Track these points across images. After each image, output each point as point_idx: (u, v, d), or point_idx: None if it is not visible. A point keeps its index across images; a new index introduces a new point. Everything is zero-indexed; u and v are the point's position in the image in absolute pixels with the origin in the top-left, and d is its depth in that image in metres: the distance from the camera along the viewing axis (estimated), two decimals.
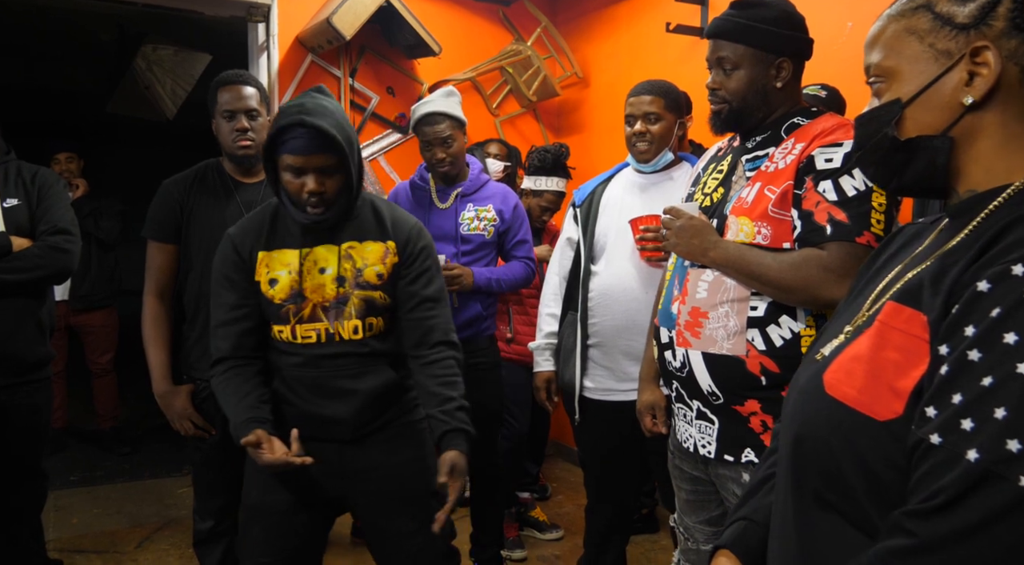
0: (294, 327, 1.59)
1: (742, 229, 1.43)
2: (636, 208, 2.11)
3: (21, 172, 2.12)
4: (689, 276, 1.50)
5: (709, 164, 1.64)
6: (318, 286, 1.59)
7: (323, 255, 1.61)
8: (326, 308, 1.60)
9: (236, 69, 2.03)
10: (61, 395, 4.02)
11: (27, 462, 2.15)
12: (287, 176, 1.53)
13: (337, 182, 1.54)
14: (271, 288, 1.60)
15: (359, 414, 1.61)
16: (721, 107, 1.50)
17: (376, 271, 1.62)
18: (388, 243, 1.64)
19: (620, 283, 2.07)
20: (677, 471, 1.63)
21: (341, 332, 1.59)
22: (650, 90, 2.06)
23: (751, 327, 1.42)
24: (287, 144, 1.50)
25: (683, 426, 1.56)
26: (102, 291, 3.94)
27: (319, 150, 1.49)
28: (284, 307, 1.59)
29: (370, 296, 1.61)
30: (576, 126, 4.09)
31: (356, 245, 1.63)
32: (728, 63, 1.47)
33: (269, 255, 1.61)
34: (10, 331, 2.00)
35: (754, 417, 1.43)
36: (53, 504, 3.37)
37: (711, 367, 1.45)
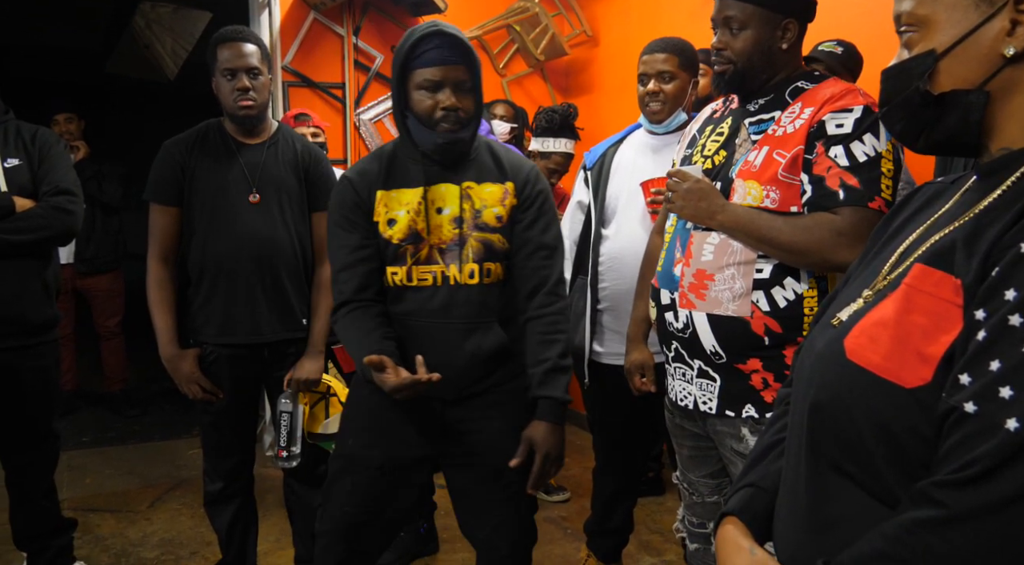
0: (410, 269, 1.54)
1: (750, 192, 1.43)
2: (648, 170, 2.07)
3: (20, 132, 2.09)
4: (693, 239, 1.50)
5: (705, 126, 1.63)
6: (436, 227, 1.54)
7: (442, 195, 1.55)
8: (443, 250, 1.54)
9: (237, 25, 1.97)
10: (70, 358, 4.04)
11: (38, 423, 2.16)
12: (420, 95, 1.47)
13: (471, 102, 1.50)
14: (389, 228, 1.54)
15: (463, 374, 1.55)
16: (725, 68, 1.48)
17: (495, 213, 1.55)
18: (507, 184, 1.58)
19: (631, 247, 2.04)
20: (677, 430, 1.65)
21: (457, 276, 1.53)
22: (664, 48, 2.00)
23: (756, 289, 1.43)
24: (422, 57, 1.45)
25: (682, 385, 1.57)
26: (107, 254, 3.93)
27: (457, 61, 1.45)
28: (401, 247, 1.53)
29: (488, 239, 1.55)
30: (585, 86, 4.01)
31: (474, 186, 1.56)
32: (735, 23, 1.45)
33: (388, 195, 1.56)
34: (16, 293, 1.99)
35: (755, 375, 1.45)
36: (67, 464, 3.42)
37: (715, 328, 1.46)
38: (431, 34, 1.45)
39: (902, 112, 0.79)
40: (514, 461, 1.49)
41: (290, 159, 2.04)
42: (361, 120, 3.60)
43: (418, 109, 1.48)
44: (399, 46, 1.50)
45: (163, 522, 2.86)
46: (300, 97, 3.47)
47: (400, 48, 1.49)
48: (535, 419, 1.52)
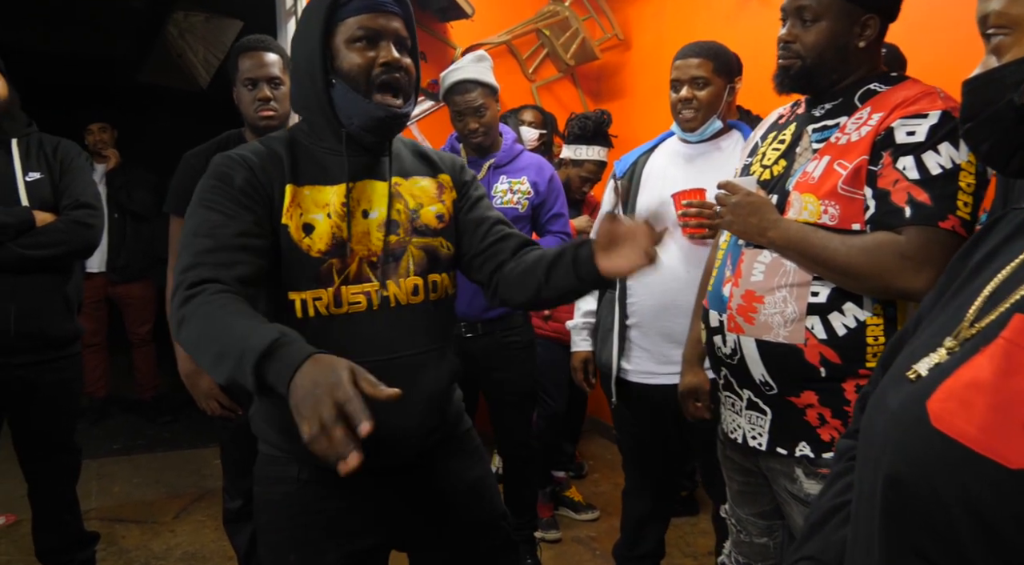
0: (338, 290, 1.17)
1: (806, 207, 1.30)
2: (680, 180, 1.97)
3: (43, 145, 2.07)
4: (744, 256, 1.38)
5: (769, 133, 1.50)
6: (363, 234, 1.20)
7: (367, 195, 1.22)
8: (374, 264, 1.20)
9: (259, 34, 1.93)
10: (103, 365, 4.08)
11: (58, 437, 2.14)
12: (351, 53, 1.15)
13: (411, 65, 1.20)
14: (306, 236, 1.16)
15: (425, 420, 1.22)
16: (792, 62, 1.35)
17: (435, 212, 1.28)
18: (441, 177, 1.32)
19: (661, 260, 1.94)
20: (728, 462, 1.54)
21: (398, 294, 1.21)
22: (698, 52, 1.90)
23: (811, 314, 1.30)
24: (351, 4, 1.15)
25: (731, 416, 1.46)
26: (138, 263, 3.95)
27: (396, 12, 1.17)
28: (325, 262, 1.17)
29: (430, 244, 1.26)
30: (617, 91, 3.91)
31: (403, 182, 1.27)
32: (809, 13, 1.31)
33: (300, 191, 1.18)
34: (37, 308, 1.98)
35: (810, 409, 1.32)
36: (96, 472, 3.44)
37: (765, 355, 1.34)
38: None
39: (990, 129, 0.69)
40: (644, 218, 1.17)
41: None
42: None
43: (348, 67, 1.15)
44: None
45: (187, 534, 2.83)
46: None
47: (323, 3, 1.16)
48: None
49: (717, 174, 1.95)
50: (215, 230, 1.09)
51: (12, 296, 1.93)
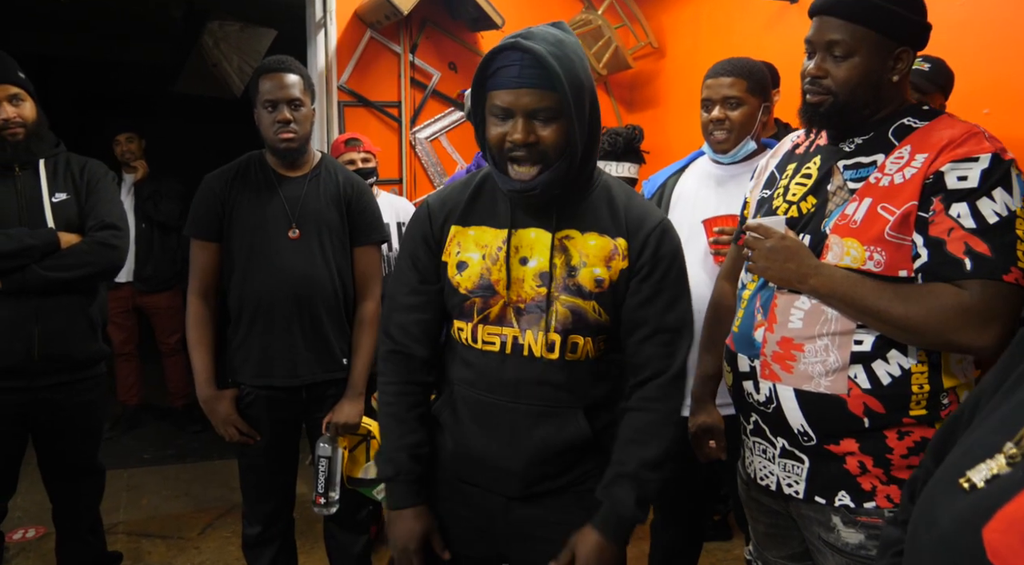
0: (476, 327, 1.27)
1: (848, 253, 1.21)
2: (711, 204, 1.88)
3: (70, 165, 2.07)
4: (777, 301, 1.30)
5: (787, 163, 1.41)
6: (517, 280, 1.24)
7: (530, 242, 1.25)
8: (520, 310, 1.24)
9: (280, 55, 1.89)
10: (135, 374, 4.11)
11: (82, 459, 2.14)
12: (492, 123, 1.19)
13: (555, 133, 1.17)
14: (458, 273, 1.27)
15: (530, 468, 1.26)
16: (822, 99, 1.27)
17: (596, 275, 1.24)
18: (618, 241, 1.26)
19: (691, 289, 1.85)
20: (753, 503, 1.47)
21: (533, 345, 1.24)
22: (730, 70, 1.81)
23: (854, 363, 1.22)
24: (496, 76, 1.16)
25: (761, 462, 1.38)
26: (165, 273, 3.95)
27: (536, 85, 1.14)
28: (469, 299, 1.26)
29: (579, 306, 1.23)
30: (650, 100, 3.82)
31: (576, 235, 1.25)
32: (841, 48, 1.23)
33: (464, 232, 1.29)
34: (61, 329, 1.97)
35: (850, 457, 1.25)
36: (126, 483, 3.47)
37: (805, 405, 1.26)
38: (507, 47, 1.15)
39: None
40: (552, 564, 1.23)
41: (332, 192, 1.95)
42: (417, 139, 3.52)
43: (488, 137, 1.21)
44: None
45: (211, 552, 2.82)
46: (356, 117, 3.41)
47: (481, 62, 1.21)
48: (588, 525, 1.23)
49: None
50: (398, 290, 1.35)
51: (36, 318, 1.92)
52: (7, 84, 1.92)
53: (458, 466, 1.33)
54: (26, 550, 2.79)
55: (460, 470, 1.33)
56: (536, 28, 1.18)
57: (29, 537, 2.89)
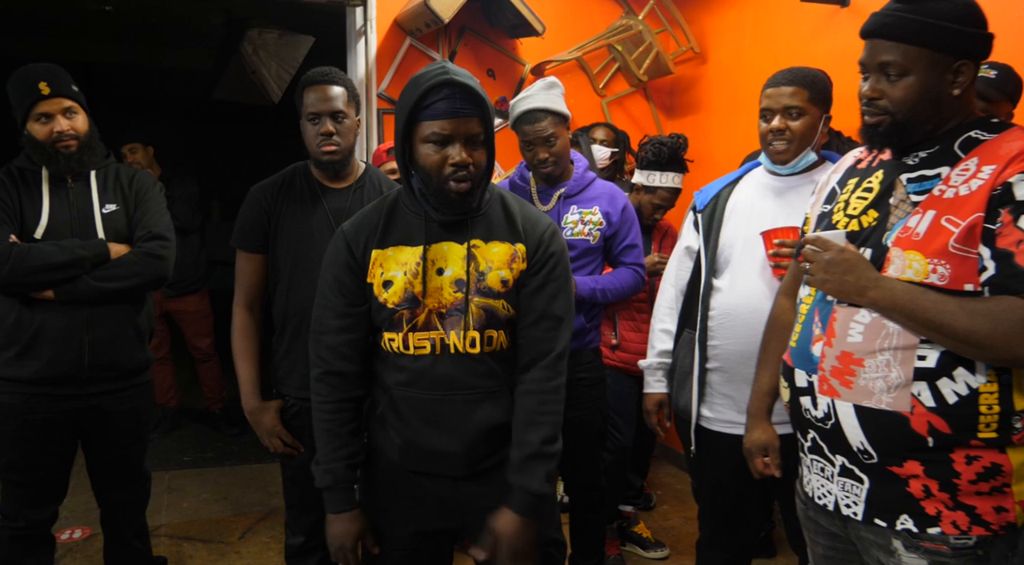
0: (407, 335, 1.42)
1: (910, 266, 1.19)
2: (769, 216, 1.84)
3: (119, 176, 2.10)
4: (836, 315, 1.28)
5: (848, 177, 1.39)
6: (435, 289, 1.42)
7: (444, 254, 1.43)
8: (442, 315, 1.42)
9: (325, 67, 1.89)
10: (170, 377, 4.16)
11: (130, 465, 2.17)
12: (426, 149, 1.34)
13: (483, 156, 1.38)
14: (384, 291, 1.42)
15: (471, 449, 1.45)
16: (880, 119, 1.25)
17: (500, 276, 1.42)
18: (517, 246, 1.45)
19: (748, 303, 1.81)
20: (810, 523, 1.43)
21: (458, 344, 1.41)
22: (792, 80, 1.76)
23: (918, 380, 1.19)
24: (429, 109, 1.32)
25: (819, 481, 1.36)
26: (190, 276, 3.95)
27: (468, 113, 1.32)
28: (397, 312, 1.42)
29: (491, 305, 1.42)
30: (691, 106, 3.76)
31: (481, 244, 1.44)
32: (894, 69, 1.21)
33: (384, 254, 1.44)
34: (110, 338, 1.99)
35: (914, 480, 1.22)
36: (167, 485, 3.51)
37: (865, 422, 1.23)
38: (440, 84, 1.31)
39: None
40: (478, 552, 1.42)
41: None
42: None
43: (425, 164, 1.35)
44: (404, 94, 1.37)
45: (252, 557, 2.84)
46: None
47: (406, 98, 1.36)
48: (504, 507, 1.40)
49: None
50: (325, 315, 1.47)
51: (87, 327, 1.95)
52: (61, 97, 1.94)
53: (408, 459, 1.48)
54: (73, 551, 2.84)
55: (410, 462, 1.48)
56: (446, 64, 1.35)
57: (76, 538, 2.94)
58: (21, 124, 1.97)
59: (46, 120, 1.94)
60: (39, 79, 1.92)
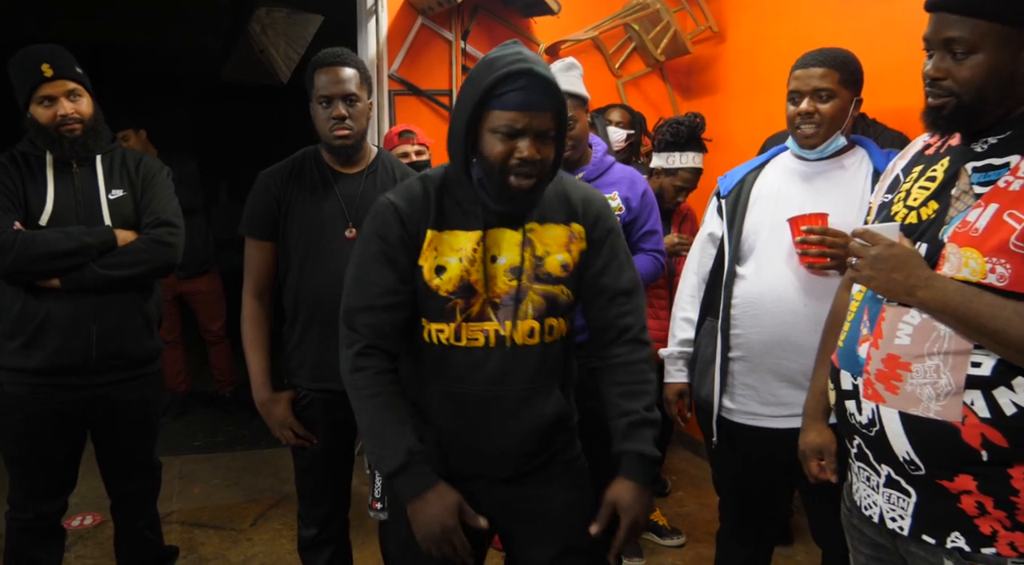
0: (459, 326, 1.33)
1: (966, 264, 1.09)
2: (796, 202, 1.77)
3: (125, 161, 2.04)
4: (884, 314, 1.19)
5: (914, 165, 1.29)
6: (491, 278, 1.33)
7: (498, 240, 1.34)
8: (496, 305, 1.33)
9: (336, 47, 1.82)
10: (180, 361, 4.14)
11: (139, 455, 2.14)
12: (493, 140, 1.25)
13: (551, 152, 1.29)
14: (437, 277, 1.32)
15: (523, 448, 1.37)
16: (945, 101, 1.14)
17: (560, 260, 1.36)
18: (574, 226, 1.38)
19: (773, 291, 1.74)
20: (854, 531, 1.36)
21: (514, 336, 1.33)
22: (822, 61, 1.68)
23: (971, 388, 1.10)
24: (503, 98, 1.22)
25: (865, 490, 1.28)
26: (198, 257, 3.91)
27: (543, 108, 1.24)
28: (450, 301, 1.32)
29: (551, 292, 1.35)
30: (709, 86, 3.66)
31: (537, 228, 1.35)
32: (961, 45, 1.11)
33: (439, 236, 1.34)
34: (117, 327, 1.95)
35: (967, 497, 1.13)
36: (179, 471, 3.50)
37: (911, 431, 1.15)
38: (517, 73, 1.21)
39: None
40: (595, 526, 1.33)
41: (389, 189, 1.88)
42: None
43: (488, 153, 1.26)
44: (475, 77, 1.26)
45: (264, 544, 2.82)
46: (406, 105, 3.34)
47: (476, 79, 1.25)
48: (620, 476, 1.34)
49: (840, 195, 1.75)
50: (369, 289, 1.34)
51: (94, 316, 1.91)
52: (65, 79, 1.89)
53: (451, 461, 1.39)
54: (84, 538, 2.83)
55: (453, 464, 1.39)
56: (522, 49, 1.26)
57: (87, 525, 2.93)
58: (24, 107, 1.91)
59: (49, 103, 1.88)
60: (42, 61, 1.86)
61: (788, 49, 3.13)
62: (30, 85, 1.87)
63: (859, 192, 1.73)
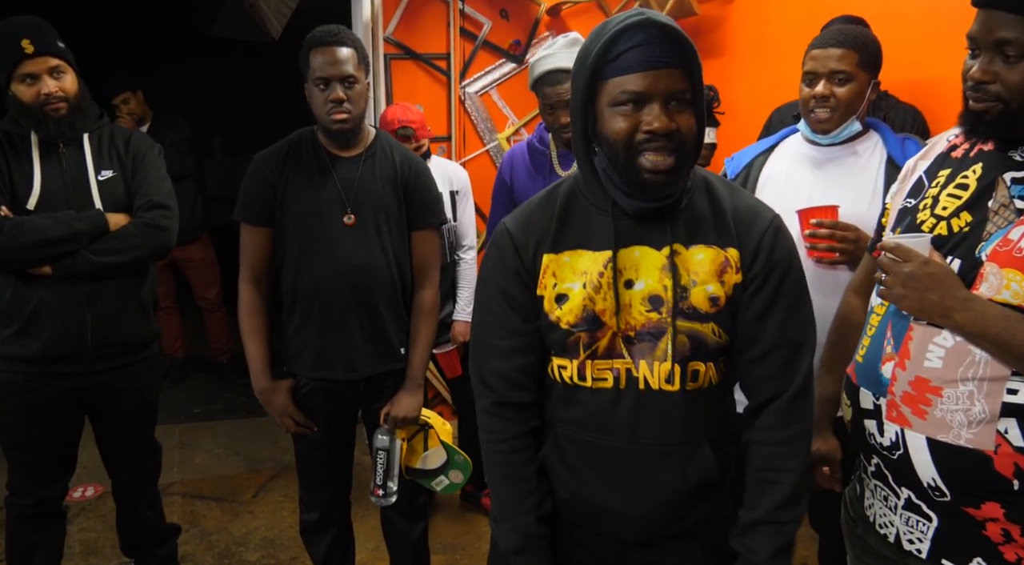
0: (584, 363, 1.13)
1: (1008, 286, 1.03)
2: (806, 189, 1.72)
3: (114, 139, 1.97)
4: (912, 333, 1.13)
5: (939, 168, 1.21)
6: (623, 307, 1.11)
7: (634, 262, 1.11)
8: (630, 340, 1.11)
9: (332, 25, 1.73)
10: (176, 327, 4.12)
11: (139, 440, 2.12)
12: (615, 115, 1.03)
13: (691, 121, 1.04)
14: (557, 307, 1.13)
15: (656, 514, 1.15)
16: (989, 106, 1.07)
17: (709, 293, 1.10)
18: (729, 251, 1.12)
19: None
20: (857, 540, 1.33)
21: (649, 377, 1.11)
22: (841, 41, 1.60)
23: (1005, 415, 1.05)
24: (619, 60, 1.01)
25: (881, 509, 1.24)
26: (188, 224, 3.82)
27: (670, 63, 1.01)
28: (572, 335, 1.12)
29: (698, 331, 1.10)
30: (714, 49, 3.54)
31: (681, 250, 1.11)
32: (1015, 48, 1.03)
33: (558, 259, 1.14)
34: (112, 313, 1.91)
35: (992, 524, 1.09)
36: (179, 440, 3.51)
37: (939, 458, 1.10)
38: (633, 26, 1.00)
39: None
40: None
41: (388, 173, 1.83)
42: (466, 93, 3.33)
43: (609, 132, 1.04)
44: (585, 48, 1.06)
45: (266, 517, 2.85)
46: (403, 70, 3.24)
47: (586, 49, 1.05)
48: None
49: (852, 184, 1.70)
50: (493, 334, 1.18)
51: (88, 304, 1.86)
52: (47, 55, 1.80)
53: (569, 513, 1.21)
54: (87, 510, 2.85)
55: (572, 516, 1.21)
56: (650, 11, 1.04)
57: (88, 496, 2.95)
58: (4, 85, 1.83)
59: (32, 81, 1.80)
60: (22, 36, 1.77)
61: (798, 12, 3.03)
62: (11, 62, 1.79)
63: (871, 181, 1.68)
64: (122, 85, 3.65)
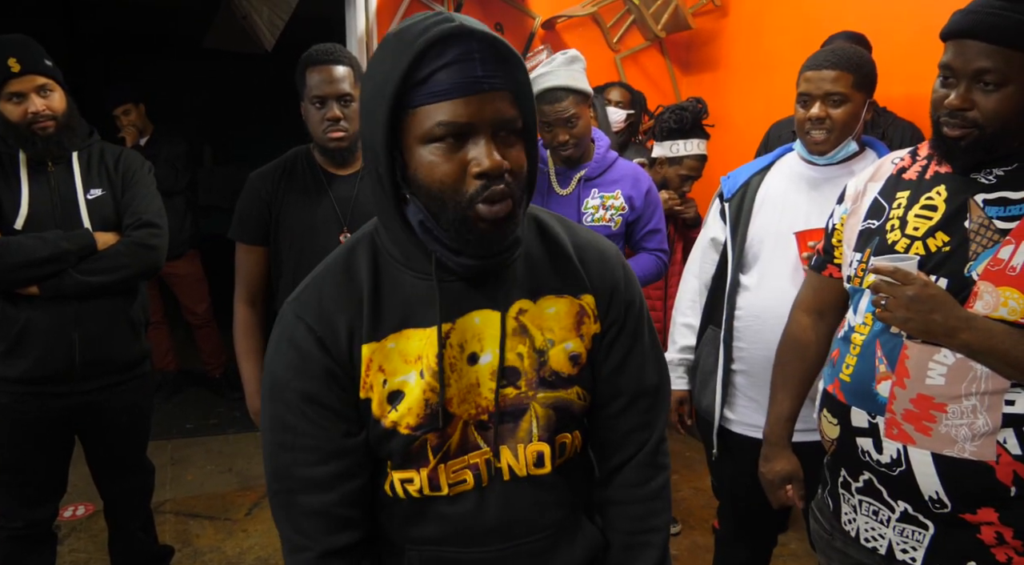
0: (435, 470, 0.92)
1: (1005, 303, 1.08)
2: (803, 210, 1.70)
3: (104, 157, 1.95)
4: (908, 352, 1.16)
5: (896, 190, 1.24)
6: (467, 389, 0.91)
7: (475, 330, 0.90)
8: (484, 424, 0.92)
9: (327, 44, 1.72)
10: (166, 341, 4.07)
11: (130, 460, 2.10)
12: (430, 154, 0.81)
13: (521, 156, 0.85)
14: (392, 408, 0.89)
15: None
16: (966, 133, 1.11)
17: (568, 351, 0.93)
18: (584, 299, 0.95)
19: (778, 306, 1.69)
20: (836, 553, 1.35)
21: (513, 465, 0.93)
22: (836, 63, 1.60)
23: (1004, 426, 1.10)
24: (429, 82, 0.79)
25: (870, 524, 1.26)
26: (176, 239, 3.80)
27: (498, 85, 0.80)
28: (418, 439, 0.89)
29: (563, 399, 0.94)
30: (709, 62, 3.56)
31: (529, 307, 0.92)
32: (993, 76, 1.07)
33: (382, 348, 0.89)
34: (101, 333, 1.89)
35: (987, 527, 1.14)
36: (171, 456, 3.47)
37: (944, 472, 1.14)
38: (444, 37, 0.78)
39: None
40: None
41: None
42: None
43: (427, 179, 0.81)
44: (378, 63, 0.83)
45: (259, 535, 2.81)
46: None
47: (384, 67, 0.80)
48: None
49: None
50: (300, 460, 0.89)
51: (76, 323, 1.84)
52: (34, 74, 1.78)
53: None
54: (77, 530, 2.80)
55: None
56: (452, 13, 0.82)
57: (79, 515, 2.90)
58: None
59: (19, 100, 1.78)
60: (7, 55, 1.75)
61: (793, 26, 3.04)
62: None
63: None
64: (124, 96, 3.64)
